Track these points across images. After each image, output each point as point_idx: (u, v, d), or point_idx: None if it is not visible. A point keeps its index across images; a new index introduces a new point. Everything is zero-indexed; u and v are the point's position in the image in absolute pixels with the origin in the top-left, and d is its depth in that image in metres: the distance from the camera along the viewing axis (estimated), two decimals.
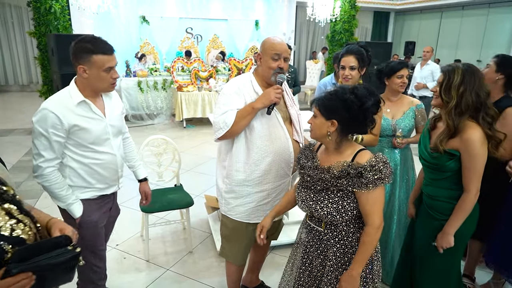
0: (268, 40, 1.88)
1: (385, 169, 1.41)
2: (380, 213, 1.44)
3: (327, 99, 1.47)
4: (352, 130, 1.48)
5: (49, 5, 5.81)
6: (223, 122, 1.82)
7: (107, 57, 1.66)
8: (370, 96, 1.43)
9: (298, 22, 11.01)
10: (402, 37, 13.91)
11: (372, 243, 1.45)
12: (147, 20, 8.31)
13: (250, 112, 1.82)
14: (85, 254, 1.83)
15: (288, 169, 1.95)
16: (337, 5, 7.41)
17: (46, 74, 6.21)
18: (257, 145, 1.87)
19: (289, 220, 3.19)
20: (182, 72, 7.55)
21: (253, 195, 1.94)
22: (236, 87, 1.89)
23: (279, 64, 1.83)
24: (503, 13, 10.44)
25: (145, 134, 6.06)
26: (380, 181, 1.40)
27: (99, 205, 1.89)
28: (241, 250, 2.08)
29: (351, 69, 2.19)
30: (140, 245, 2.98)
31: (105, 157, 1.80)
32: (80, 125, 1.68)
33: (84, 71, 1.66)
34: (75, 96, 1.68)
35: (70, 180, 1.77)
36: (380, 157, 1.43)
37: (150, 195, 2.20)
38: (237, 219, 1.99)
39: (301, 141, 2.00)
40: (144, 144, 2.92)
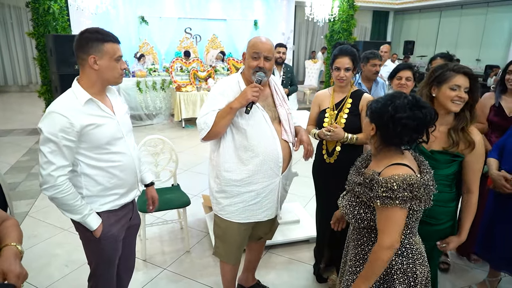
0: (252, 40, 1.90)
1: (401, 191, 1.31)
2: (392, 234, 1.36)
3: (374, 102, 1.45)
4: (386, 139, 1.41)
5: (48, 5, 5.82)
6: (204, 123, 1.85)
7: (116, 45, 1.60)
8: (410, 108, 1.34)
9: (297, 22, 11.00)
10: (402, 37, 13.90)
11: (377, 262, 1.38)
12: (146, 21, 8.31)
13: (229, 112, 1.82)
14: (102, 267, 1.78)
15: (277, 169, 1.94)
16: (335, 5, 7.41)
17: (45, 75, 6.23)
18: (244, 145, 1.88)
19: (284, 220, 3.20)
20: (181, 72, 7.56)
21: (242, 195, 1.94)
22: (222, 88, 1.91)
23: (258, 64, 1.84)
24: (501, 12, 10.43)
25: (144, 134, 6.05)
26: (389, 200, 1.32)
27: (119, 217, 1.75)
28: (234, 249, 2.09)
29: (346, 70, 2.18)
30: (137, 244, 2.96)
31: (122, 158, 1.68)
32: (95, 123, 1.56)
33: (95, 61, 1.55)
34: (80, 96, 1.56)
35: (88, 190, 1.62)
36: (405, 178, 1.33)
37: (157, 200, 2.09)
38: (228, 219, 2.00)
39: (291, 140, 1.99)
40: (141, 144, 2.93)
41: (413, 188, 1.32)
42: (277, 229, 2.38)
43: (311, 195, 4.05)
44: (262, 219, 2.03)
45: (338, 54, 2.20)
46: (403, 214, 1.36)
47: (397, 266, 1.44)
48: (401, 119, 1.34)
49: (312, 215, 3.37)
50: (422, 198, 1.36)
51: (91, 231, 1.65)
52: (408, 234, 1.46)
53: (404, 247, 1.45)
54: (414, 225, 1.47)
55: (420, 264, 1.47)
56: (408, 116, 1.33)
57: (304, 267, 2.74)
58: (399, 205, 1.32)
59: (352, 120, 2.19)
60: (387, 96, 1.43)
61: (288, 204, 3.51)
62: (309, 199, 3.95)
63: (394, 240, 1.36)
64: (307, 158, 2.11)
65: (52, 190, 1.52)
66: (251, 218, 2.00)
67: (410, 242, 1.47)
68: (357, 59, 2.22)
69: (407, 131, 1.35)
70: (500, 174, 2.08)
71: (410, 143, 1.42)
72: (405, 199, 1.32)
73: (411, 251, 1.46)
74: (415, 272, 1.45)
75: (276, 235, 3.01)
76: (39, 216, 3.45)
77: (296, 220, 3.24)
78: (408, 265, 1.44)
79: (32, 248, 2.93)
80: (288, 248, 2.98)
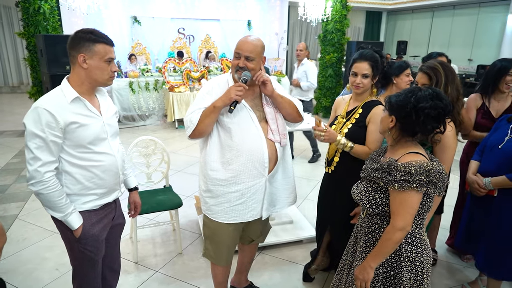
0: (238, 40, 1.90)
1: (418, 175, 1.40)
2: (406, 217, 1.43)
3: (394, 96, 1.53)
4: (407, 130, 1.49)
5: (38, 5, 5.75)
6: (189, 121, 1.87)
7: (109, 47, 1.61)
8: (431, 99, 1.44)
9: (290, 22, 11.00)
10: (395, 37, 13.96)
11: (388, 242, 1.46)
12: (139, 21, 8.26)
13: (212, 110, 1.83)
14: (84, 268, 1.76)
15: (262, 169, 1.92)
16: (328, 5, 7.42)
17: (35, 75, 6.16)
18: (229, 144, 1.87)
19: (277, 221, 3.19)
20: (174, 73, 7.52)
21: (227, 195, 1.93)
22: (210, 87, 1.92)
23: (238, 63, 1.84)
24: (493, 12, 10.52)
25: (137, 135, 6.02)
26: (407, 184, 1.40)
27: (100, 216, 1.74)
28: (224, 250, 2.07)
29: (364, 77, 2.00)
30: (129, 247, 2.95)
31: (105, 158, 1.67)
32: (79, 122, 1.56)
33: (84, 60, 1.56)
34: (68, 94, 1.57)
35: (68, 188, 1.62)
36: (422, 163, 1.41)
37: (140, 206, 2.08)
38: (214, 219, 1.99)
39: (278, 140, 1.95)
40: (132, 145, 2.90)
41: (429, 173, 1.41)
42: (270, 230, 2.37)
43: (305, 195, 4.04)
44: (248, 219, 2.01)
45: (358, 58, 2.03)
46: (419, 198, 1.44)
47: (406, 253, 1.52)
48: (424, 108, 1.43)
49: (305, 216, 3.36)
50: (437, 184, 1.44)
51: (71, 230, 1.65)
52: (419, 224, 1.54)
53: (414, 236, 1.53)
54: (425, 215, 1.54)
55: (426, 255, 1.55)
56: (431, 106, 1.43)
57: (297, 267, 2.73)
58: (416, 189, 1.40)
59: (354, 131, 2.04)
60: (407, 90, 1.52)
61: None
62: (302, 199, 3.94)
63: (407, 223, 1.44)
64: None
65: (39, 185, 1.52)
66: (237, 219, 1.98)
67: (420, 232, 1.55)
68: (379, 66, 2.03)
69: (430, 120, 1.45)
70: (473, 179, 2.18)
71: (430, 132, 1.50)
72: (422, 182, 1.40)
73: (420, 241, 1.54)
74: (422, 262, 1.52)
75: (269, 236, 3.00)
76: (29, 219, 3.40)
77: (289, 221, 3.23)
78: (416, 254, 1.52)
79: (21, 252, 2.88)
80: (281, 249, 2.97)
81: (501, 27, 10.15)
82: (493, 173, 2.09)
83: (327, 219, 2.34)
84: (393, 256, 1.54)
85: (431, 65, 1.92)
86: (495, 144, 2.13)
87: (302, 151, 5.59)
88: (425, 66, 1.95)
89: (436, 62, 1.95)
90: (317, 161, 5.20)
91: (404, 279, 1.51)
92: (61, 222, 1.63)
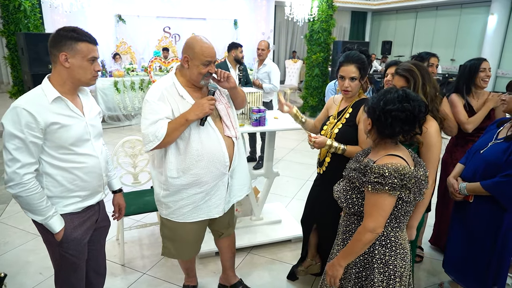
0: (197, 44, 1.80)
1: (391, 178, 1.38)
2: (378, 219, 1.43)
3: (371, 98, 1.52)
4: (380, 132, 1.49)
5: (19, 2, 5.60)
6: (153, 135, 1.77)
7: (92, 46, 1.55)
8: (399, 101, 1.42)
9: (277, 22, 11.02)
10: (379, 37, 14.15)
11: (358, 243, 1.47)
12: (123, 19, 8.15)
13: (183, 123, 1.79)
14: (66, 272, 1.72)
15: (224, 168, 1.93)
16: (314, 5, 7.46)
17: (16, 74, 6.01)
18: (188, 151, 1.85)
19: (266, 220, 3.19)
20: (160, 72, 7.43)
21: (192, 197, 1.94)
22: (159, 93, 1.81)
23: (209, 69, 1.83)
24: (474, 14, 10.78)
25: (123, 135, 5.94)
26: (380, 186, 1.39)
27: (83, 219, 1.69)
28: (187, 246, 2.10)
29: (352, 80, 1.98)
30: (115, 249, 2.90)
31: (87, 160, 1.62)
32: (60, 122, 1.51)
33: (66, 59, 1.51)
34: (49, 93, 1.51)
35: (49, 190, 1.56)
36: (398, 167, 1.40)
37: (124, 208, 2.05)
38: (179, 221, 1.99)
39: (234, 135, 1.96)
40: (118, 145, 2.85)
41: (404, 177, 1.39)
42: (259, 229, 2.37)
43: (293, 195, 4.06)
44: (213, 215, 2.03)
45: (344, 61, 1.99)
46: (391, 201, 1.42)
47: (379, 255, 1.51)
48: (391, 111, 1.42)
49: (294, 215, 3.37)
50: (412, 189, 1.42)
51: (53, 234, 1.60)
52: (396, 228, 1.52)
53: (389, 239, 1.51)
54: (403, 219, 1.52)
55: (401, 259, 1.52)
56: (398, 108, 1.42)
57: (286, 267, 2.73)
58: (388, 191, 1.39)
59: (345, 131, 2.03)
60: (381, 92, 1.51)
61: (270, 204, 3.50)
62: (290, 198, 3.95)
63: (378, 224, 1.44)
64: None
65: (17, 188, 1.47)
66: (202, 216, 2.00)
67: (396, 235, 1.52)
68: (366, 67, 2.00)
69: (397, 122, 1.43)
70: (451, 183, 2.14)
71: (403, 134, 1.48)
72: (395, 186, 1.39)
73: (395, 244, 1.51)
74: (395, 265, 1.51)
75: (258, 235, 3.01)
76: (11, 222, 3.31)
77: (278, 220, 3.23)
78: (390, 257, 1.51)
79: (3, 255, 2.80)
80: (269, 249, 2.97)
81: (482, 28, 10.40)
82: (470, 178, 2.05)
83: (314, 218, 2.34)
84: (366, 257, 1.54)
85: (406, 67, 1.89)
86: (478, 148, 2.08)
87: (290, 150, 5.61)
88: (401, 69, 1.91)
89: (410, 63, 1.93)
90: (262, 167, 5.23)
91: (376, 281, 1.51)
92: (42, 225, 1.58)
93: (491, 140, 2.04)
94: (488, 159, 1.97)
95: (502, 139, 1.98)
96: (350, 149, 1.98)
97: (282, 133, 2.70)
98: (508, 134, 1.95)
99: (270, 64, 4.68)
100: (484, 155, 2.01)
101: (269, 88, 4.65)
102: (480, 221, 2.03)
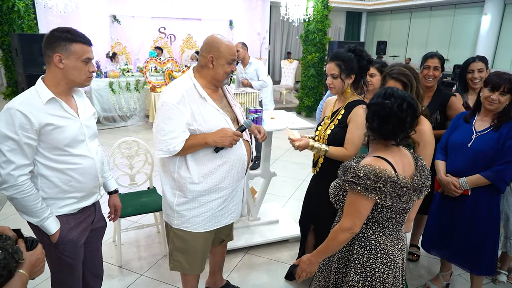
0: (222, 43, 1.76)
1: (364, 179, 1.37)
2: (354, 219, 1.42)
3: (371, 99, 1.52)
4: (372, 133, 1.48)
5: (12, 3, 5.55)
6: (166, 148, 1.71)
7: (86, 47, 1.54)
8: (382, 98, 1.41)
9: (272, 22, 11.05)
10: (374, 37, 14.23)
11: (333, 241, 1.48)
12: (118, 20, 8.11)
13: (202, 145, 1.75)
14: (63, 274, 1.70)
15: (242, 171, 1.92)
16: (309, 5, 7.48)
17: (10, 76, 5.97)
18: (212, 155, 1.80)
19: (263, 221, 3.19)
20: (156, 73, 7.41)
21: (210, 203, 1.87)
22: (180, 96, 1.72)
23: (232, 68, 1.81)
24: (468, 14, 10.87)
25: (118, 136, 5.90)
26: (354, 186, 1.39)
27: (79, 220, 1.67)
28: (199, 259, 1.99)
29: (332, 77, 2.00)
30: (112, 250, 2.89)
31: (83, 161, 1.60)
32: (55, 124, 1.49)
33: (60, 60, 1.49)
34: (43, 94, 1.49)
35: (44, 192, 1.55)
36: (375, 169, 1.37)
37: (120, 209, 2.00)
38: (194, 230, 1.90)
39: (249, 139, 1.96)
40: (115, 146, 2.84)
41: (378, 180, 1.36)
42: (256, 230, 2.37)
43: (290, 195, 4.06)
44: (228, 222, 1.99)
45: (329, 59, 2.05)
46: (367, 203, 1.41)
47: (357, 255, 1.50)
48: (372, 105, 1.44)
49: (291, 215, 3.37)
50: (387, 194, 1.37)
51: (48, 235, 1.59)
52: (378, 231, 1.49)
53: (369, 241, 1.49)
54: (387, 224, 1.48)
55: (383, 264, 1.47)
56: (377, 103, 1.43)
57: (284, 267, 2.73)
58: (362, 192, 1.38)
59: (336, 132, 2.02)
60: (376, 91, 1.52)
61: (267, 204, 3.50)
62: (287, 199, 3.96)
63: (354, 224, 1.43)
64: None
65: (12, 190, 1.46)
66: (217, 224, 1.94)
67: (378, 239, 1.48)
68: (349, 64, 1.96)
69: (376, 117, 1.42)
70: (448, 180, 2.13)
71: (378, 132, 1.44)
72: (367, 187, 1.37)
73: (375, 248, 1.48)
74: (374, 268, 1.47)
75: (255, 236, 3.01)
76: (6, 224, 3.25)
77: (275, 220, 3.23)
78: (368, 260, 1.48)
79: None
80: (267, 249, 2.97)
81: (475, 28, 10.49)
82: (464, 172, 2.09)
83: (311, 218, 2.35)
84: (344, 255, 1.56)
85: (401, 71, 1.92)
86: (461, 142, 2.12)
87: (287, 150, 5.61)
88: (395, 73, 1.93)
89: (401, 66, 1.97)
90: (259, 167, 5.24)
91: (351, 279, 1.50)
92: (37, 227, 1.57)
93: (470, 133, 2.11)
94: (482, 150, 2.03)
95: (487, 129, 2.06)
96: (332, 150, 1.98)
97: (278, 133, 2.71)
98: (495, 124, 2.04)
99: (255, 62, 4.72)
100: (474, 148, 2.06)
101: (259, 85, 4.63)
102: (480, 210, 2.10)
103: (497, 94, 1.97)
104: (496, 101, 1.98)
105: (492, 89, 1.98)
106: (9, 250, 0.98)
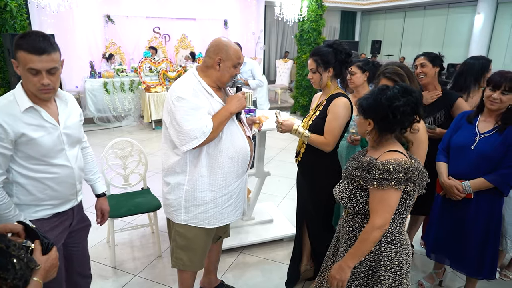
0: (230, 47, 1.81)
1: (396, 173, 1.40)
2: (385, 215, 1.43)
3: (363, 99, 1.54)
4: (386, 129, 1.51)
5: (4, 3, 5.50)
6: (200, 131, 1.70)
7: (31, 57, 1.37)
8: (402, 96, 1.45)
9: (267, 22, 11.05)
10: (369, 36, 14.27)
11: (366, 241, 1.46)
12: (112, 20, 8.08)
13: (228, 117, 1.80)
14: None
15: (245, 166, 1.96)
16: (304, 5, 7.49)
17: (3, 77, 5.90)
18: (220, 149, 1.84)
19: (257, 220, 3.19)
20: (150, 73, 7.39)
21: (217, 200, 1.90)
22: (191, 89, 1.76)
23: (236, 71, 1.87)
24: (461, 13, 10.94)
25: (112, 137, 5.87)
26: (385, 182, 1.40)
27: (54, 224, 1.62)
28: (200, 256, 2.03)
29: (312, 72, 2.11)
30: (106, 251, 2.88)
31: (60, 170, 1.56)
32: (30, 135, 1.43)
33: (16, 66, 1.43)
34: (21, 102, 1.43)
35: (18, 198, 1.51)
36: (401, 162, 1.42)
37: (108, 212, 1.96)
38: (200, 226, 1.92)
39: (251, 135, 2.02)
40: (108, 147, 2.83)
41: (407, 171, 1.41)
42: (251, 229, 2.37)
43: (284, 194, 4.07)
44: (234, 219, 2.02)
45: (309, 55, 2.14)
46: (397, 196, 1.44)
47: (385, 253, 1.52)
48: (399, 107, 1.44)
49: (285, 214, 3.38)
50: (416, 182, 1.45)
51: None
52: (399, 223, 1.54)
53: (394, 235, 1.53)
54: (406, 214, 1.55)
55: (406, 255, 1.55)
56: (404, 103, 1.44)
57: (278, 266, 2.74)
58: (395, 186, 1.41)
59: (316, 123, 2.12)
60: (375, 91, 1.52)
61: (261, 204, 3.50)
62: (282, 198, 3.96)
63: (386, 221, 1.44)
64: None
65: None
66: (224, 221, 1.97)
67: (400, 231, 1.54)
68: (325, 59, 2.04)
69: (406, 116, 1.47)
70: (451, 184, 2.08)
71: (408, 126, 1.52)
72: (400, 180, 1.41)
73: (400, 240, 1.53)
74: (401, 261, 1.52)
75: (250, 235, 3.02)
76: None
77: (269, 219, 3.23)
78: (396, 253, 1.52)
79: None
80: (261, 248, 2.97)
81: (469, 27, 10.56)
82: (467, 174, 2.06)
83: (302, 212, 2.40)
84: (372, 255, 1.53)
85: (394, 71, 1.96)
86: (464, 144, 2.07)
87: (281, 150, 5.62)
88: (389, 72, 1.96)
89: (395, 65, 2.00)
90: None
91: (382, 278, 1.51)
92: None
93: (473, 134, 2.06)
94: (487, 153, 1.99)
95: (491, 131, 2.01)
96: (312, 137, 2.07)
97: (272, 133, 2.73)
98: (499, 125, 1.99)
99: (250, 62, 4.76)
100: (478, 150, 2.01)
101: (255, 84, 4.68)
102: (482, 213, 2.07)
103: (498, 93, 1.94)
104: (498, 100, 1.95)
105: (494, 88, 1.96)
106: (24, 260, 0.94)
